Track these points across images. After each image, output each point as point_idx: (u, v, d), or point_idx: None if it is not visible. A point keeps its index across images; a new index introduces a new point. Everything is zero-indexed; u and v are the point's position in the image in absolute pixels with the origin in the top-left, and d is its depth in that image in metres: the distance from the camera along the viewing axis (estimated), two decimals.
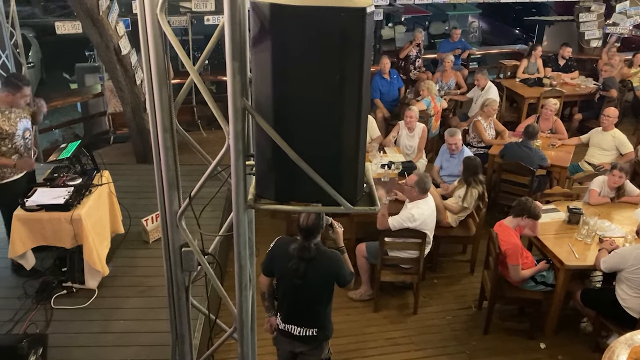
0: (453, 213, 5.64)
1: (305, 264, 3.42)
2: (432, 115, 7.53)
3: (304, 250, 3.41)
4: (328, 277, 3.54)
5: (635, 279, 4.34)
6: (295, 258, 3.42)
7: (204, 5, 7.65)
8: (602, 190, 5.63)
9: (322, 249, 3.51)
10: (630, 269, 4.34)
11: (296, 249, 3.43)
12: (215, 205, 2.75)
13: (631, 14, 10.35)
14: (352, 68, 1.83)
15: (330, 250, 3.60)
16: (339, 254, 3.64)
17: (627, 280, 4.40)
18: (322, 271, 3.49)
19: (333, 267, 3.53)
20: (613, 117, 6.74)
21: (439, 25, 12.94)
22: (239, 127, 1.92)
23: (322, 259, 3.47)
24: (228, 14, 1.78)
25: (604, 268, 4.52)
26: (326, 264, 3.50)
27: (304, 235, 3.42)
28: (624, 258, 4.40)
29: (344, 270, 3.58)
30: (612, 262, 4.47)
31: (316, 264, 3.45)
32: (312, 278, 3.47)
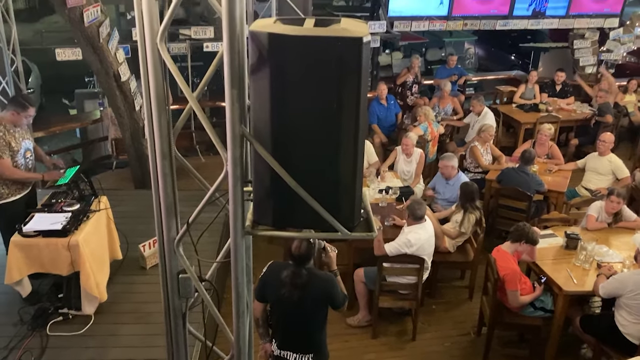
0: (451, 238, 5.64)
1: (299, 291, 3.41)
2: (429, 141, 7.58)
3: (296, 276, 3.40)
4: (322, 301, 3.54)
5: (635, 305, 4.32)
6: (288, 285, 3.41)
7: (204, 33, 7.75)
8: (600, 215, 5.64)
9: (314, 272, 3.51)
10: (629, 294, 4.33)
11: (288, 276, 3.42)
12: (213, 230, 2.74)
13: (624, 41, 10.51)
14: (350, 96, 1.86)
15: (324, 273, 3.61)
16: (332, 277, 3.64)
17: (626, 306, 4.38)
18: (315, 295, 3.49)
19: (326, 291, 3.53)
20: (609, 142, 6.79)
21: (436, 51, 13.08)
22: (237, 153, 1.93)
23: (315, 283, 3.47)
24: (227, 43, 1.80)
25: (602, 294, 4.50)
26: (319, 287, 3.50)
27: (296, 261, 3.43)
28: (623, 284, 4.39)
29: (337, 293, 3.57)
30: (611, 287, 4.45)
31: (310, 289, 3.44)
32: (306, 303, 3.47)
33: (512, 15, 9.66)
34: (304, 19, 1.94)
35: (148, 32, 1.98)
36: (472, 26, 9.80)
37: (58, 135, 8.98)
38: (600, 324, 4.65)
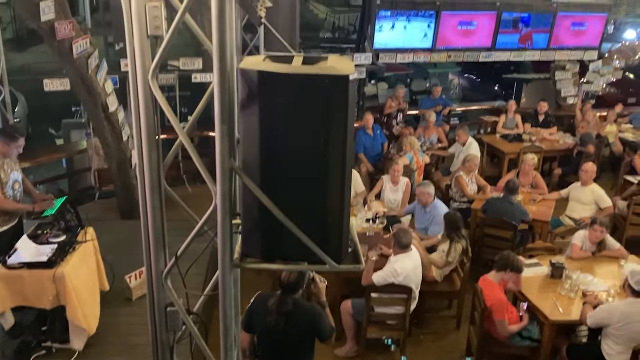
0: (438, 268, 5.66)
1: (285, 319, 3.43)
2: (415, 170, 7.66)
3: (282, 304, 3.43)
4: (308, 332, 3.54)
5: (622, 335, 4.35)
6: (274, 313, 3.43)
7: (192, 64, 7.82)
8: (584, 244, 5.71)
9: (300, 303, 3.52)
10: (616, 325, 4.35)
11: (274, 304, 3.45)
12: (199, 261, 2.75)
13: (604, 72, 10.78)
14: (337, 130, 1.91)
15: (310, 305, 3.62)
16: (319, 308, 3.64)
17: (613, 336, 4.40)
18: (301, 326, 3.49)
19: (313, 322, 3.54)
20: (591, 172, 6.91)
21: (420, 82, 13.32)
22: (226, 187, 1.96)
23: (301, 314, 3.49)
24: (217, 80, 1.85)
25: (590, 324, 4.53)
26: (305, 318, 3.51)
27: (283, 290, 3.45)
28: (611, 314, 4.41)
29: (324, 324, 3.58)
30: (599, 317, 4.48)
31: (295, 319, 3.46)
32: (292, 333, 3.48)
33: (495, 47, 9.90)
34: (292, 56, 2.00)
35: (139, 68, 2.03)
36: (456, 58, 10.01)
37: (44, 165, 8.94)
38: (587, 353, 4.68)
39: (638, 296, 4.37)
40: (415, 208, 6.51)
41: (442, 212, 6.17)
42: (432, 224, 6.20)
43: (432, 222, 6.21)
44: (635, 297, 4.38)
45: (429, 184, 6.38)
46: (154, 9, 2.03)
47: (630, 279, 4.40)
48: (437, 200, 6.39)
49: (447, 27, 9.44)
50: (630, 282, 4.39)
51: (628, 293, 4.45)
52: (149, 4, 2.02)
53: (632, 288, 4.37)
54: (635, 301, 4.38)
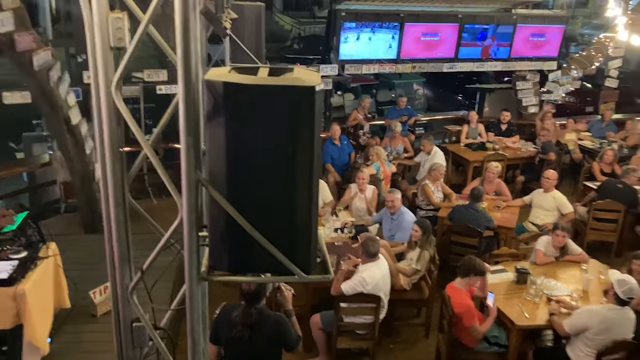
0: (406, 276, 5.70)
1: (249, 330, 3.42)
2: (382, 180, 7.73)
3: (247, 316, 3.43)
4: (274, 342, 3.54)
5: (597, 340, 4.42)
6: (239, 324, 3.43)
7: (157, 76, 7.75)
8: (547, 250, 5.83)
9: (265, 313, 3.52)
10: (596, 329, 4.42)
11: (239, 315, 3.45)
12: (166, 274, 2.71)
13: (563, 82, 11.10)
14: (304, 142, 1.91)
15: (275, 314, 3.62)
16: (284, 318, 3.64)
17: (587, 339, 4.46)
18: (267, 336, 3.49)
19: (278, 331, 3.54)
20: (553, 179, 7.09)
21: (386, 92, 13.47)
22: (192, 200, 1.94)
23: (266, 324, 3.49)
24: (182, 91, 1.84)
25: (570, 331, 4.54)
26: (271, 328, 3.51)
27: (246, 300, 3.44)
28: (591, 318, 4.46)
29: (290, 333, 3.58)
30: (579, 322, 4.51)
31: (261, 329, 3.46)
32: (258, 344, 3.47)
33: (458, 58, 10.10)
34: (258, 67, 2.01)
35: (102, 80, 2.00)
36: (420, 69, 10.18)
37: (4, 180, 8.69)
38: (554, 357, 4.75)
39: (622, 305, 4.44)
40: (383, 216, 6.56)
41: (408, 219, 6.24)
42: (399, 231, 6.26)
43: (399, 230, 6.27)
44: (618, 305, 4.44)
45: (396, 191, 6.45)
46: (117, 20, 2.01)
47: (617, 287, 4.42)
48: (404, 208, 6.46)
49: (411, 38, 9.59)
50: (617, 290, 4.41)
51: (611, 300, 4.49)
52: (111, 15, 2.00)
53: (618, 297, 4.42)
54: (618, 309, 4.44)
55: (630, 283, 4.44)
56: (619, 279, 4.52)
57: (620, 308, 4.42)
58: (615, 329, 4.39)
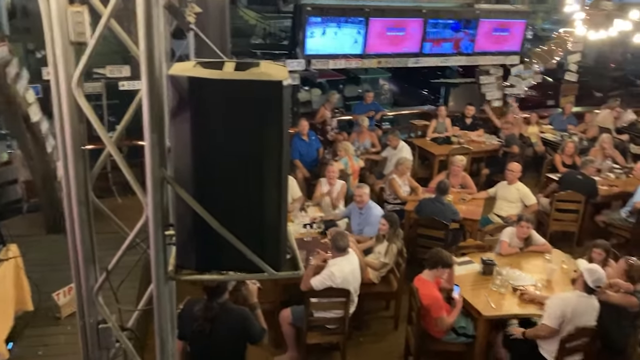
0: (374, 269, 5.73)
1: (210, 324, 3.45)
2: (350, 175, 7.75)
3: (208, 310, 3.45)
4: (236, 336, 3.55)
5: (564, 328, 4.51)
6: (200, 319, 3.45)
7: (119, 72, 7.59)
8: (512, 241, 5.95)
9: (228, 307, 3.54)
10: (568, 316, 4.49)
11: (200, 310, 3.47)
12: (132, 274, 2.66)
13: (525, 76, 11.31)
14: (272, 137, 1.89)
15: (237, 308, 3.63)
16: (247, 311, 3.65)
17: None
18: (228, 330, 3.51)
19: (240, 325, 3.55)
20: (516, 171, 7.22)
21: (353, 88, 13.49)
22: (157, 198, 1.91)
23: (228, 318, 3.51)
24: (146, 87, 1.80)
25: (554, 324, 4.55)
26: (233, 322, 3.53)
27: (208, 295, 3.44)
28: (565, 305, 4.51)
29: (252, 327, 3.60)
30: (557, 311, 4.54)
31: (222, 323, 3.48)
32: (220, 338, 3.49)
33: (423, 53, 10.18)
34: (223, 62, 1.98)
35: (63, 76, 1.94)
36: (386, 64, 10.21)
37: None
38: (522, 342, 4.80)
39: (589, 293, 4.53)
40: (351, 211, 6.58)
41: (376, 213, 6.28)
42: (368, 225, 6.29)
43: (367, 224, 6.30)
44: (586, 293, 4.53)
45: (364, 186, 6.48)
46: (77, 14, 1.95)
47: (587, 276, 4.50)
48: (372, 202, 6.50)
49: (376, 33, 9.61)
50: (587, 279, 4.50)
51: (580, 288, 4.58)
52: (70, 9, 1.94)
53: (587, 285, 4.50)
54: (586, 296, 4.53)
55: (599, 272, 4.55)
56: (589, 268, 4.61)
57: (588, 296, 4.54)
58: (581, 316, 4.51)
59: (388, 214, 6.04)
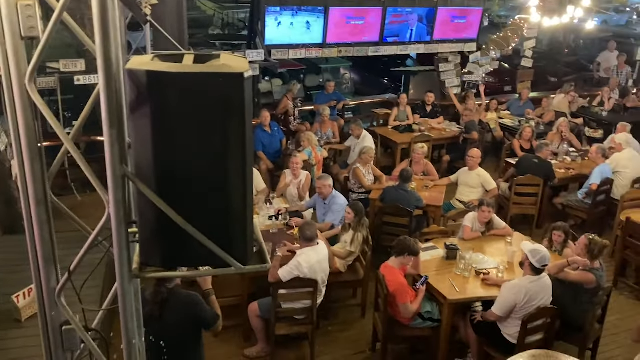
0: (341, 259, 5.77)
1: (160, 308, 3.49)
2: (314, 165, 7.75)
3: (156, 294, 3.50)
4: (186, 321, 3.58)
5: (521, 313, 4.63)
6: (150, 303, 3.47)
7: (74, 66, 7.37)
8: (474, 225, 6.07)
9: (177, 292, 3.58)
10: (522, 303, 4.61)
11: (150, 294, 3.51)
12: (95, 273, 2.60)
13: (483, 63, 11.50)
14: (235, 130, 1.86)
15: (187, 293, 3.66)
16: (197, 297, 3.68)
17: (514, 312, 4.67)
18: (178, 314, 3.55)
19: (190, 310, 3.58)
20: (476, 157, 7.36)
21: (314, 78, 13.46)
22: (119, 195, 1.86)
23: (177, 302, 3.55)
24: (103, 82, 1.75)
25: (503, 314, 4.70)
26: (182, 307, 3.57)
27: (157, 280, 3.48)
28: (517, 295, 4.62)
29: (203, 312, 3.63)
30: (507, 302, 4.67)
31: (172, 308, 3.52)
32: (169, 322, 3.53)
33: (383, 41, 10.23)
34: (182, 54, 1.94)
35: (14, 72, 1.87)
36: (347, 53, 10.23)
37: None
38: (487, 328, 4.92)
39: (538, 274, 4.66)
40: (316, 201, 6.59)
41: (340, 202, 6.31)
42: (332, 214, 6.32)
43: (332, 213, 6.32)
44: (536, 275, 4.65)
45: (327, 177, 6.50)
46: (27, 8, 1.88)
47: (531, 258, 4.62)
48: (336, 192, 6.53)
49: (336, 22, 9.61)
50: (532, 261, 4.61)
51: (528, 271, 4.69)
52: (20, 3, 1.87)
53: (534, 266, 4.62)
54: (536, 279, 4.65)
55: (542, 251, 4.68)
56: (531, 249, 4.72)
57: (538, 277, 4.66)
58: (537, 298, 4.64)
59: (353, 203, 6.09)
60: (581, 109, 11.12)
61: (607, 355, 5.45)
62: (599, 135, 9.97)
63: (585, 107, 11.24)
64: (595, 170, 7.51)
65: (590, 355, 5.23)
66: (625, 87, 11.98)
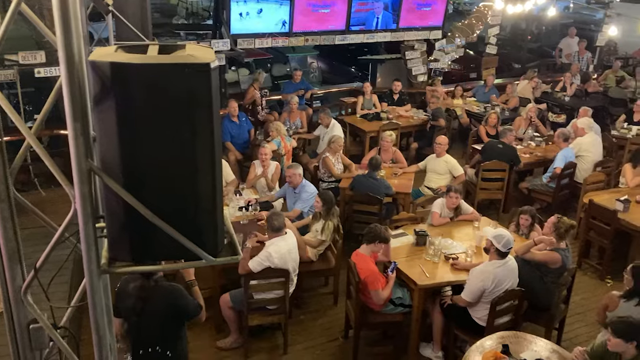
0: (312, 247, 5.79)
1: (142, 301, 3.50)
2: (284, 155, 7.73)
3: (142, 288, 3.51)
4: (168, 313, 3.58)
5: (490, 296, 4.71)
6: (133, 297, 3.49)
7: (33, 58, 7.16)
8: (442, 211, 6.15)
9: (160, 284, 3.58)
10: (490, 288, 4.69)
11: (135, 287, 3.51)
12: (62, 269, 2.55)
13: (448, 50, 11.60)
14: (202, 122, 1.84)
15: (169, 284, 3.67)
16: (178, 288, 3.68)
17: (483, 297, 4.76)
18: (159, 306, 3.55)
19: (171, 302, 3.58)
20: (444, 144, 7.45)
21: (281, 67, 13.38)
22: (85, 190, 1.82)
23: (159, 294, 3.55)
24: (65, 74, 1.70)
25: (472, 299, 4.79)
26: (162, 298, 3.56)
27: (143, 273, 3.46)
28: (485, 281, 4.70)
29: (185, 303, 3.63)
30: (476, 287, 4.75)
31: (153, 300, 3.53)
32: (152, 313, 3.53)
33: (349, 30, 10.23)
34: (147, 45, 1.90)
35: None
36: (313, 41, 10.20)
37: None
38: (457, 312, 5.01)
39: (504, 258, 4.75)
40: (286, 191, 6.59)
41: (310, 191, 6.32)
42: (303, 204, 6.32)
43: (302, 203, 6.33)
44: (502, 259, 4.74)
45: (297, 166, 6.50)
46: None
47: (496, 243, 4.69)
48: (305, 181, 6.53)
49: (302, 11, 9.56)
50: (497, 246, 4.69)
51: (494, 257, 4.76)
52: None
53: (499, 251, 4.71)
54: (502, 263, 4.74)
55: (506, 235, 4.78)
56: (495, 235, 4.79)
57: (504, 261, 4.76)
58: (505, 281, 4.73)
59: (322, 192, 6.10)
60: (544, 94, 11.34)
61: (572, 334, 5.61)
62: (562, 120, 10.20)
63: (548, 92, 11.48)
64: (559, 155, 7.68)
65: (556, 334, 5.38)
66: (586, 73, 12.25)
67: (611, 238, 6.44)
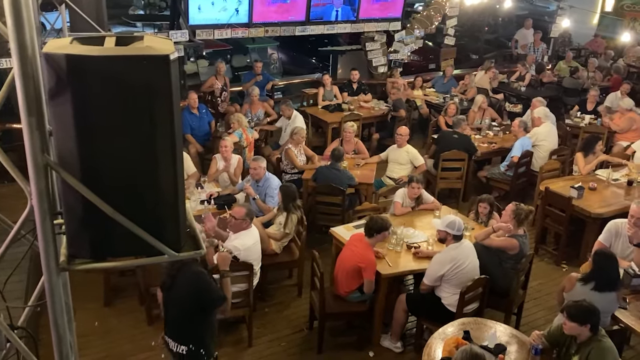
0: (276, 240, 5.78)
1: (172, 279, 3.69)
2: (245, 147, 7.68)
3: (172, 266, 3.69)
4: (188, 296, 3.68)
5: (454, 279, 4.81)
6: (165, 273, 3.73)
7: None
8: (404, 201, 6.22)
9: (187, 268, 3.69)
10: (450, 271, 4.80)
11: (167, 266, 3.71)
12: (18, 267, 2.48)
13: (408, 42, 11.70)
14: (162, 114, 1.82)
15: (197, 269, 3.75)
16: (204, 274, 3.78)
17: (446, 282, 4.85)
18: (183, 289, 3.69)
19: (193, 287, 3.68)
20: (404, 134, 7.53)
21: (241, 58, 13.24)
22: (42, 185, 1.78)
23: (184, 278, 3.68)
24: (18, 67, 1.65)
25: (428, 282, 4.89)
26: (186, 282, 3.68)
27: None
28: (442, 264, 4.81)
29: (208, 291, 3.72)
30: (433, 273, 4.86)
31: (180, 282, 3.68)
32: (176, 294, 3.71)
33: (310, 21, 10.19)
34: (103, 37, 1.86)
35: None
36: (273, 33, 10.12)
37: None
38: (424, 298, 5.08)
39: (459, 240, 4.87)
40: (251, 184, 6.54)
41: (274, 184, 6.30)
42: (266, 197, 6.30)
43: (265, 196, 6.31)
44: (457, 242, 4.87)
45: (261, 159, 6.46)
46: None
47: (451, 231, 4.81)
48: (269, 173, 6.50)
49: (262, 1, 9.47)
50: (452, 233, 4.81)
51: (450, 242, 4.88)
52: None
53: (455, 236, 4.83)
54: (458, 245, 4.87)
55: (455, 219, 4.93)
56: (447, 223, 4.87)
57: (459, 243, 4.90)
58: (466, 261, 4.85)
59: (282, 186, 6.07)
60: (501, 84, 11.57)
61: (530, 319, 5.78)
62: (519, 110, 10.41)
63: (505, 82, 11.71)
64: (517, 143, 7.86)
65: (515, 319, 5.53)
66: (540, 63, 12.54)
67: (566, 224, 6.63)
